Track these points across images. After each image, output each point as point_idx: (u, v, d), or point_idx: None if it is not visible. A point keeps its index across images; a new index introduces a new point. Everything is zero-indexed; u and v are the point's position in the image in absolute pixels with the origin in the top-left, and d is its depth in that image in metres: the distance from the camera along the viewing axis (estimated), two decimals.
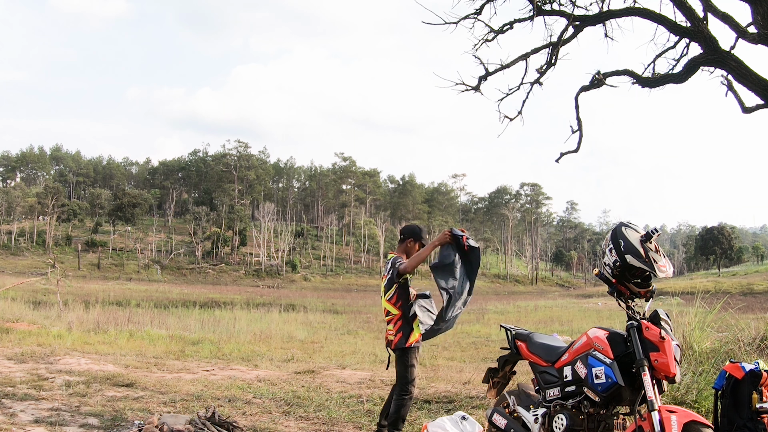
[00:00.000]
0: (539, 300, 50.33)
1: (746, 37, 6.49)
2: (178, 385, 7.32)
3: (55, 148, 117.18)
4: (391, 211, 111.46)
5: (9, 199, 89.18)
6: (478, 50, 7.61)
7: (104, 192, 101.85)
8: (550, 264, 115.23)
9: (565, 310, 34.57)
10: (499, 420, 4.28)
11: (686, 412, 3.35)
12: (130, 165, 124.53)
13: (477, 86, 7.72)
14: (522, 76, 7.66)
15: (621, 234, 3.59)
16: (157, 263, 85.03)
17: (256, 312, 24.20)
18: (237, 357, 10.87)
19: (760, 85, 6.45)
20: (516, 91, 7.77)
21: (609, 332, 3.72)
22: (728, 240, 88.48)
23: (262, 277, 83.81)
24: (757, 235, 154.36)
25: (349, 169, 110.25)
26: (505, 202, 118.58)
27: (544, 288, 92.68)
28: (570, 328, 19.97)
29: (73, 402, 6.19)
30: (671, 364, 3.35)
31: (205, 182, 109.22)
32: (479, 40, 7.58)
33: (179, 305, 28.23)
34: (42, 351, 9.63)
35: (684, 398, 5.46)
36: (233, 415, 5.87)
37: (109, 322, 15.14)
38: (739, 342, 6.93)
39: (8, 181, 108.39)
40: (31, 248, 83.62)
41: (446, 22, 7.40)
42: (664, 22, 6.94)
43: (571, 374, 3.79)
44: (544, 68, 7.61)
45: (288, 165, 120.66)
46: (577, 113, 7.78)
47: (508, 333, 4.61)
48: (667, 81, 7.30)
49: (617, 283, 3.65)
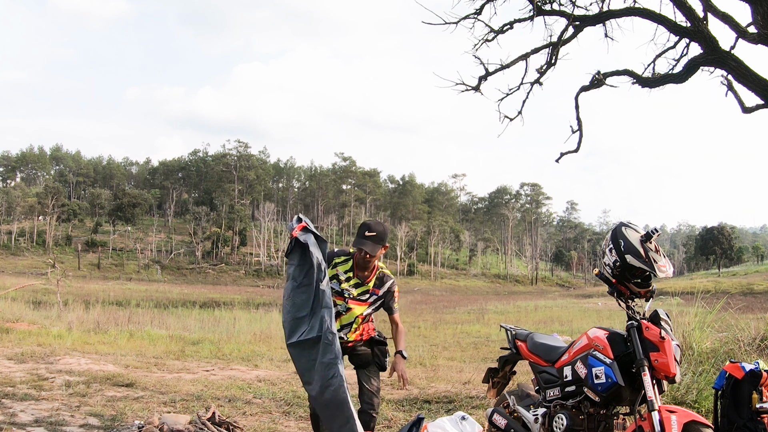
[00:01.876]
0: (539, 300, 50.33)
1: (746, 37, 6.49)
2: (178, 385, 7.32)
3: (55, 148, 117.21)
4: (391, 211, 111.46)
5: (9, 199, 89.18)
6: (478, 50, 7.63)
7: (104, 192, 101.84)
8: (550, 264, 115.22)
9: (565, 310, 34.57)
10: (499, 420, 4.28)
11: (686, 412, 3.35)
12: (130, 165, 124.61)
13: (477, 86, 7.73)
14: (522, 76, 7.68)
15: (621, 234, 3.59)
16: (157, 263, 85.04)
17: (256, 312, 24.20)
18: (237, 357, 10.86)
19: (760, 85, 6.45)
20: (516, 91, 7.79)
21: (609, 332, 3.72)
22: (728, 240, 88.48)
23: (262, 277, 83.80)
24: (757, 235, 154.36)
25: (349, 169, 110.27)
26: (505, 202, 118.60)
27: (544, 288, 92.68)
28: (570, 328, 19.95)
29: (73, 402, 6.18)
30: (671, 364, 3.36)
31: (205, 182, 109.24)
32: (479, 40, 7.60)
33: (179, 305, 28.25)
34: (42, 351, 9.62)
35: (684, 398, 5.46)
36: (233, 415, 5.87)
37: (109, 322, 15.13)
38: (739, 342, 6.93)
39: (8, 181, 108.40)
40: (31, 248, 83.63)
41: (446, 22, 7.41)
42: (664, 22, 6.95)
43: (571, 374, 3.79)
44: (544, 68, 7.62)
45: (288, 165, 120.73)
46: (577, 113, 7.80)
47: (508, 333, 4.61)
48: (667, 81, 7.30)
49: (617, 283, 3.65)
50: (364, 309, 4.20)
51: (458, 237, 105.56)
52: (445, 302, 47.81)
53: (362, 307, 4.19)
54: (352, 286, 4.17)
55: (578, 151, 7.94)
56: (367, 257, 4.06)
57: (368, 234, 4.03)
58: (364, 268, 4.16)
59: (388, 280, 4.24)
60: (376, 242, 4.04)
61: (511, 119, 7.91)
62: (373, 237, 4.03)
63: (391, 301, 4.24)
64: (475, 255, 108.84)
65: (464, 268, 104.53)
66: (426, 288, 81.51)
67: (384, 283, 4.22)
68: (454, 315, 30.96)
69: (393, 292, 4.24)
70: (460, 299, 55.04)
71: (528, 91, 7.77)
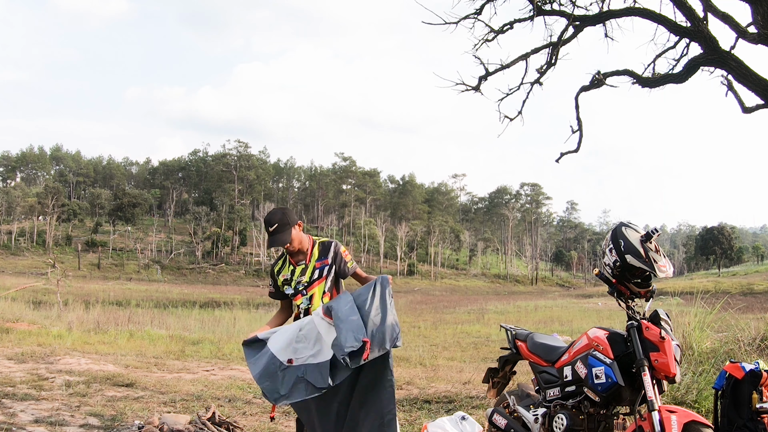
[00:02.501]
0: (539, 300, 50.31)
1: (746, 37, 6.49)
2: (178, 385, 7.32)
3: (55, 148, 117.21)
4: (391, 211, 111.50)
5: (9, 199, 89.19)
6: (478, 50, 7.64)
7: (104, 192, 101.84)
8: (550, 264, 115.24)
9: (565, 310, 34.56)
10: (499, 420, 4.28)
11: (686, 412, 3.35)
12: (130, 165, 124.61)
13: (477, 86, 7.73)
14: (522, 76, 7.68)
15: (621, 234, 3.59)
16: (157, 263, 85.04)
17: (256, 312, 24.20)
18: (237, 357, 10.86)
19: (760, 85, 6.46)
20: (516, 91, 7.80)
21: (609, 332, 3.72)
22: (728, 240, 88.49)
23: (263, 277, 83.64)
24: (757, 235, 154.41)
25: (349, 169, 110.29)
26: (505, 202, 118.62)
27: (544, 288, 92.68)
28: (570, 328, 19.95)
29: (73, 402, 6.19)
30: (671, 364, 3.36)
31: (205, 182, 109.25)
32: (479, 40, 7.60)
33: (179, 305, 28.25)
34: (42, 351, 9.63)
35: (684, 398, 5.46)
36: (233, 415, 5.87)
37: (109, 322, 15.13)
38: (739, 342, 6.94)
39: (8, 181, 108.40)
40: (31, 248, 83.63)
41: (446, 22, 7.41)
42: (664, 22, 6.95)
43: (571, 374, 3.79)
44: (544, 68, 7.62)
45: (288, 165, 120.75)
46: (578, 113, 7.80)
47: (508, 333, 4.61)
48: (667, 81, 7.31)
49: (617, 283, 3.65)
50: (323, 284, 4.05)
51: (458, 237, 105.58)
52: (445, 302, 47.82)
53: (321, 284, 4.05)
54: (299, 275, 4.06)
55: (578, 151, 7.95)
56: (288, 248, 4.00)
57: (271, 229, 3.91)
58: (296, 254, 4.08)
59: (329, 244, 4.10)
60: (283, 231, 3.92)
61: (511, 119, 7.92)
62: (277, 228, 3.91)
63: (342, 263, 4.07)
64: (475, 255, 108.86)
65: (464, 268, 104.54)
66: (426, 288, 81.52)
67: (328, 249, 4.08)
68: (454, 315, 30.96)
69: (339, 253, 4.07)
70: (460, 299, 55.04)
71: (528, 91, 7.78)
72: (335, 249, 4.07)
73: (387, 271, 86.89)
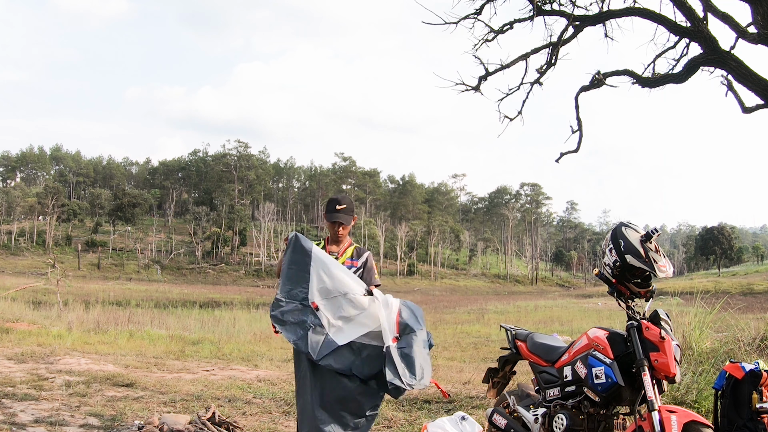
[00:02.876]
0: (539, 300, 50.32)
1: (746, 37, 6.50)
2: (178, 385, 7.32)
3: (55, 148, 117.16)
4: (391, 211, 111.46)
5: (9, 199, 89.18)
6: (478, 50, 7.65)
7: (104, 192, 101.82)
8: (550, 264, 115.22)
9: (565, 310, 34.56)
10: (499, 420, 4.28)
11: (686, 412, 3.35)
12: (130, 165, 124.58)
13: (477, 86, 7.74)
14: (522, 76, 7.69)
15: (621, 234, 3.59)
16: (157, 263, 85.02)
17: (256, 312, 24.20)
18: (237, 357, 10.87)
19: (760, 85, 6.46)
20: (516, 91, 7.80)
21: (609, 332, 3.72)
22: (728, 240, 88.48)
23: (262, 277, 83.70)
24: (757, 235, 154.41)
25: (349, 169, 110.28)
26: (505, 202, 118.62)
27: (544, 288, 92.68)
28: (570, 328, 19.94)
29: (73, 402, 6.19)
30: (671, 364, 3.36)
31: (205, 182, 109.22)
32: (479, 40, 7.61)
33: (179, 305, 28.26)
34: (42, 351, 9.63)
35: (684, 398, 5.46)
36: (233, 415, 5.87)
37: (109, 322, 15.13)
38: (739, 342, 6.94)
39: (8, 181, 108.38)
40: (31, 248, 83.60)
41: (446, 22, 7.41)
42: (664, 22, 6.95)
43: (571, 374, 3.79)
44: (544, 68, 7.63)
45: (288, 165, 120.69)
46: (577, 113, 7.80)
47: (508, 333, 4.61)
48: (667, 81, 7.31)
49: (617, 283, 3.66)
50: None
51: (458, 237, 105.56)
52: (445, 302, 47.81)
53: None
54: None
55: (578, 151, 7.95)
56: (341, 229, 4.25)
57: (339, 207, 4.22)
58: (337, 241, 4.31)
59: (364, 252, 4.34)
60: (347, 213, 4.25)
61: (511, 119, 7.92)
62: (344, 209, 4.23)
63: (370, 273, 4.26)
64: (475, 255, 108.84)
65: (464, 268, 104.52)
66: (426, 288, 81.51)
67: (361, 254, 4.31)
68: (454, 315, 30.97)
69: (370, 263, 4.30)
70: (460, 299, 55.05)
71: (528, 91, 7.79)
72: (367, 258, 4.32)
73: (387, 271, 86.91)
